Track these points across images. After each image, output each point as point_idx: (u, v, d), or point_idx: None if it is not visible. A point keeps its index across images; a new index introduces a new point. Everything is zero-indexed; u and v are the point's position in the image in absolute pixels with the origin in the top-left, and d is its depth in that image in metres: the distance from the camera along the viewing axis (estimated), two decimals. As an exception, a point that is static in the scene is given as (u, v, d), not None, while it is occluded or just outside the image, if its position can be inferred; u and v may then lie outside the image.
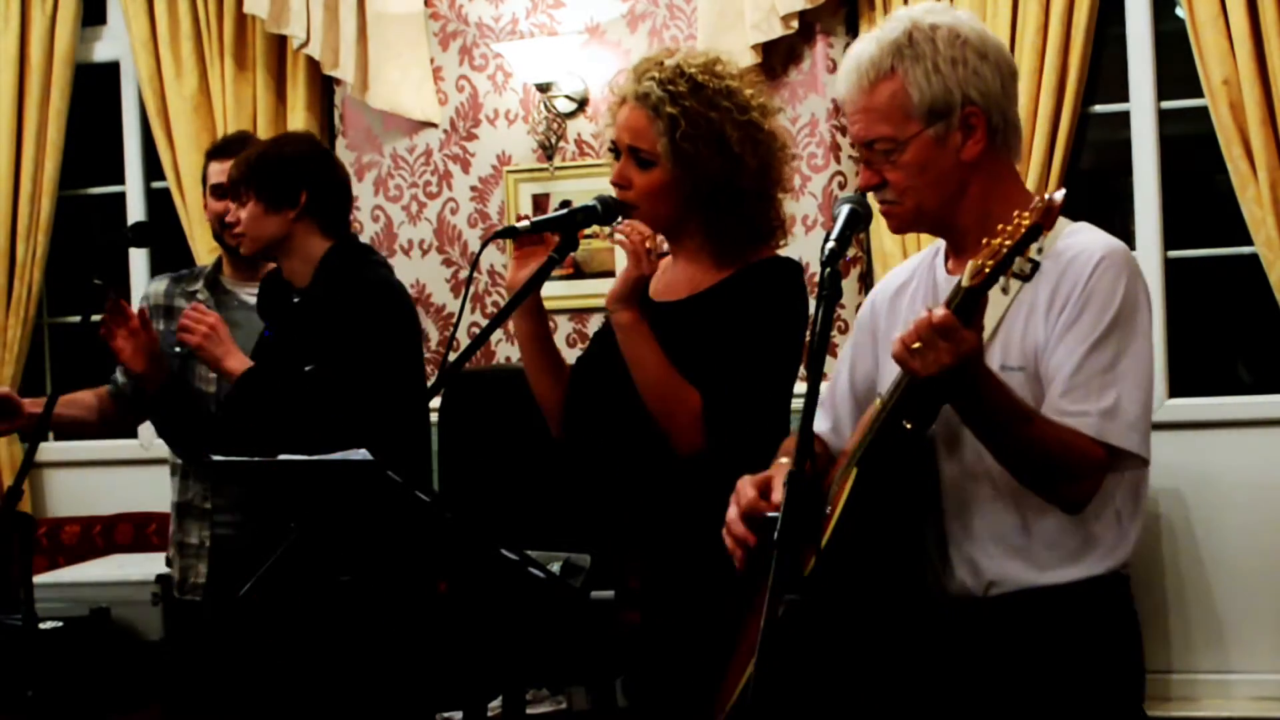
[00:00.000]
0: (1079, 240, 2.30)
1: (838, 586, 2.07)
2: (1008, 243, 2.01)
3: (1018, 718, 2.30)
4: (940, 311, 2.06)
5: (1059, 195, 2.01)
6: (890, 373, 2.28)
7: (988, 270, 2.02)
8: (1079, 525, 2.28)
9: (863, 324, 2.57)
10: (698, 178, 2.88)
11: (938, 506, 2.32)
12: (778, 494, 2.31)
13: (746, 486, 2.38)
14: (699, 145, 2.85)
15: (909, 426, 2.22)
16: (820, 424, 2.58)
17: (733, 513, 2.38)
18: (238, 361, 3.61)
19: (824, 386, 2.58)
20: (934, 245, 2.50)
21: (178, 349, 3.82)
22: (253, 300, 3.90)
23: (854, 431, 2.45)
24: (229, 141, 4.16)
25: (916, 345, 2.07)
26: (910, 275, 2.51)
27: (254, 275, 3.99)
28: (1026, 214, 2.01)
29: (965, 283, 2.05)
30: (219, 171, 3.96)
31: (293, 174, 3.62)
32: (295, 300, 3.66)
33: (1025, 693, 2.29)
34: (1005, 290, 2.06)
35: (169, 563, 4.15)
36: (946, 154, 2.32)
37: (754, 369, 2.81)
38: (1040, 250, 2.02)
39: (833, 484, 2.39)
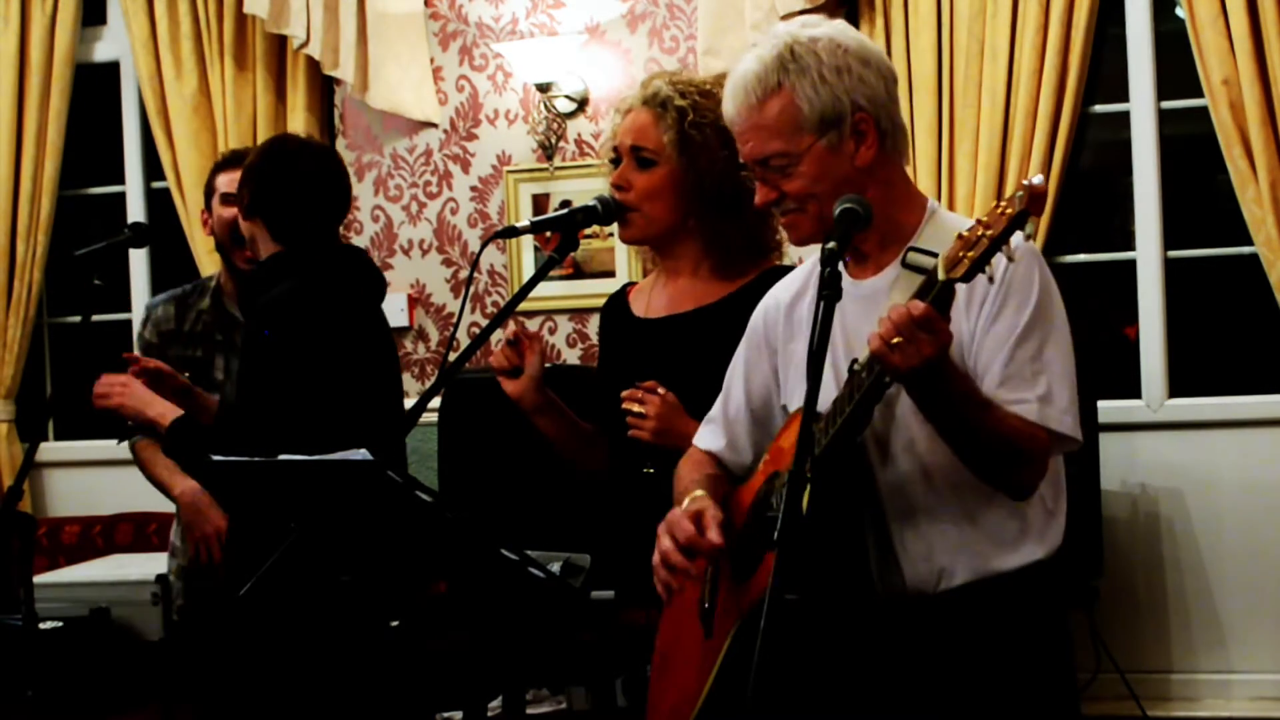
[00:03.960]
0: None
1: (794, 591, 2.08)
2: (989, 233, 2.02)
3: (966, 705, 2.32)
4: (920, 305, 2.07)
5: (1039, 180, 2.01)
6: (798, 385, 2.29)
7: (968, 263, 2.03)
8: (1014, 514, 2.33)
9: (754, 337, 2.57)
10: (701, 171, 2.89)
11: (878, 510, 2.34)
12: (713, 532, 2.31)
13: (682, 520, 2.36)
14: (706, 132, 2.89)
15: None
16: (714, 442, 2.59)
17: (668, 544, 2.35)
18: (159, 411, 3.48)
19: (715, 404, 2.61)
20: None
21: (186, 374, 3.67)
22: None
23: (771, 446, 2.44)
24: (237, 153, 4.14)
25: (897, 340, 2.08)
26: (804, 284, 2.52)
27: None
28: (1007, 203, 2.01)
29: (943, 275, 2.06)
30: (229, 181, 3.93)
31: (245, 175, 3.59)
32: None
33: (975, 681, 2.32)
34: (992, 280, 2.08)
35: (173, 553, 4.14)
36: (841, 161, 2.36)
37: None
38: (1030, 236, 2.04)
39: (756, 499, 2.40)
